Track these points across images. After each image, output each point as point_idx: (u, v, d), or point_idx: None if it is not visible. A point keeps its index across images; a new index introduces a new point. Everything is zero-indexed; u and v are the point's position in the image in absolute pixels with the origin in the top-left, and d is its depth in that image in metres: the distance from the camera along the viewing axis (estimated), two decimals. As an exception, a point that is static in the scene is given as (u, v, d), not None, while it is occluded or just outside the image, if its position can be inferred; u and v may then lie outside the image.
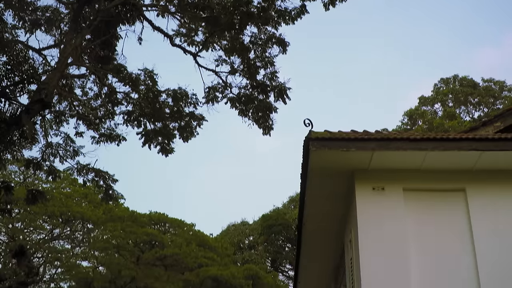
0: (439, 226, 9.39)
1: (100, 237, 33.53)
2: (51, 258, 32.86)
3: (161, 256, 31.37)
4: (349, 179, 9.65)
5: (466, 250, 9.19)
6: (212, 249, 35.16)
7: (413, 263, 9.06)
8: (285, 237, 41.86)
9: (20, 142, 16.43)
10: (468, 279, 9.03)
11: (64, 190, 34.34)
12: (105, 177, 17.84)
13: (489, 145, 9.01)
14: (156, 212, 37.13)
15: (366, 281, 8.99)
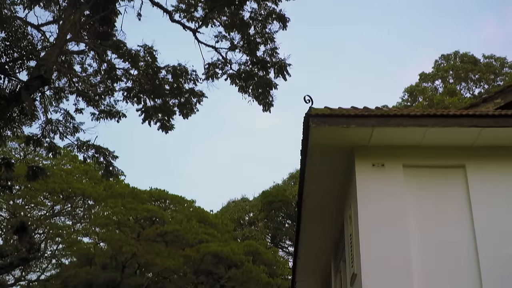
0: (438, 202, 9.42)
1: (101, 214, 33.66)
2: (52, 234, 33.04)
3: (162, 232, 31.52)
4: (349, 156, 9.66)
5: (465, 226, 9.23)
6: (213, 225, 35.33)
7: (413, 238, 9.11)
8: (285, 213, 42.06)
9: (20, 119, 16.41)
10: (467, 255, 9.09)
11: (64, 166, 34.39)
12: (105, 154, 17.85)
13: (489, 121, 9.00)
14: (157, 188, 37.24)
15: (365, 256, 9.04)
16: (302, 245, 13.23)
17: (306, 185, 10.60)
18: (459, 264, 9.06)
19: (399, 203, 9.25)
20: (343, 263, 11.80)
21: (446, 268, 9.06)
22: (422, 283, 8.91)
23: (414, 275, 8.88)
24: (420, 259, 9.07)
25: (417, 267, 8.97)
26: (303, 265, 14.45)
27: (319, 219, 11.88)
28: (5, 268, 31.21)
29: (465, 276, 8.97)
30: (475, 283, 8.88)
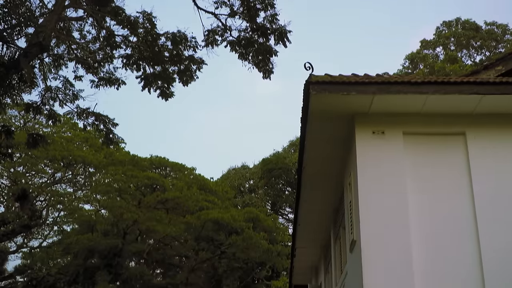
0: (438, 170, 9.44)
1: (101, 181, 33.79)
2: (53, 201, 33.23)
3: (163, 199, 31.69)
4: (349, 123, 9.64)
5: (464, 194, 9.26)
6: (213, 192, 35.51)
7: (412, 206, 9.15)
8: (285, 180, 42.22)
9: (19, 86, 16.35)
10: (466, 222, 9.13)
11: (64, 134, 34.40)
12: (105, 121, 17.83)
13: (490, 88, 8.96)
14: (157, 156, 37.33)
15: (364, 223, 9.10)
16: (302, 212, 13.30)
17: (306, 153, 10.61)
18: (458, 231, 9.11)
19: (399, 170, 9.27)
20: (343, 230, 11.88)
21: (445, 235, 9.12)
22: (421, 249, 8.98)
23: (413, 242, 8.95)
24: (419, 226, 9.12)
25: (416, 234, 9.03)
26: (303, 231, 14.55)
27: (319, 186, 11.92)
28: (7, 235, 31.53)
29: (464, 243, 9.03)
30: (474, 250, 8.94)
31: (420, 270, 8.83)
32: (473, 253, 8.94)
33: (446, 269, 8.91)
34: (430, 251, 9.00)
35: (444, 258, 8.96)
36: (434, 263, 8.95)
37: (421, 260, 8.91)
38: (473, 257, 8.93)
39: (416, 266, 8.82)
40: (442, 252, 9.00)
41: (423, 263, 8.90)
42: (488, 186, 9.23)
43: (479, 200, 9.14)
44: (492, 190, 9.21)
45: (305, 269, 17.64)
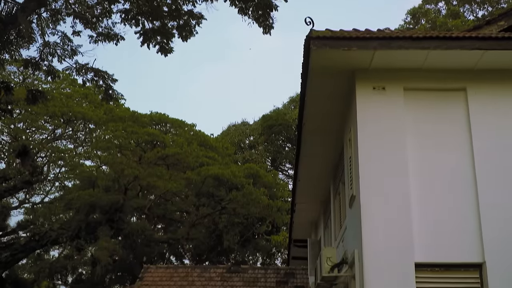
0: (438, 126, 9.45)
1: (102, 137, 33.85)
2: (54, 157, 33.35)
3: (163, 155, 31.78)
4: (349, 79, 9.60)
5: (464, 150, 9.29)
6: (213, 148, 35.61)
7: (411, 161, 9.20)
8: (285, 137, 42.28)
9: (17, 42, 16.21)
10: (466, 177, 9.19)
11: (64, 90, 34.28)
12: (104, 77, 17.71)
13: (492, 44, 8.90)
14: (157, 112, 37.29)
15: (364, 178, 9.16)
16: (302, 167, 13.37)
17: (306, 108, 10.60)
18: (458, 187, 9.18)
19: (399, 126, 9.29)
20: (342, 185, 11.96)
21: (444, 191, 9.19)
22: (420, 205, 9.06)
23: (412, 197, 9.03)
24: (418, 181, 9.19)
25: (415, 190, 9.10)
26: (303, 187, 14.66)
27: (319, 142, 11.95)
28: (9, 191, 31.76)
29: (463, 199, 9.11)
30: (472, 206, 9.03)
31: (419, 225, 8.93)
32: (471, 209, 9.03)
33: (445, 224, 9.01)
34: (429, 206, 9.09)
35: (443, 213, 9.05)
36: (433, 218, 9.04)
37: (420, 215, 9.00)
38: (471, 212, 9.02)
39: (415, 221, 8.92)
40: (441, 208, 9.09)
41: (422, 219, 8.99)
42: (488, 142, 9.26)
43: (479, 156, 9.18)
44: (492, 146, 9.24)
45: (304, 224, 17.85)
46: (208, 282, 21.09)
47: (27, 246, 30.78)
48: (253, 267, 24.04)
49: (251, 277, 21.56)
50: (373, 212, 8.97)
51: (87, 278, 39.99)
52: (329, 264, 10.72)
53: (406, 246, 8.77)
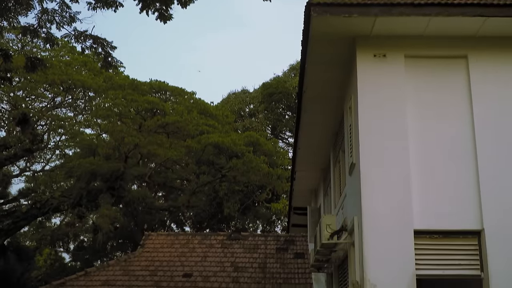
0: (439, 94, 9.43)
1: (101, 105, 33.75)
2: (54, 125, 33.32)
3: (163, 123, 31.75)
4: (350, 46, 9.54)
5: (464, 119, 9.29)
6: (213, 117, 35.55)
7: (411, 129, 9.20)
8: (285, 105, 42.18)
9: (15, 8, 16.04)
10: (466, 145, 9.20)
11: (63, 58, 34.07)
12: (103, 44, 17.55)
13: (494, 11, 8.82)
14: (157, 80, 37.11)
15: (364, 146, 9.17)
16: (302, 135, 13.38)
17: (306, 76, 10.56)
18: (458, 156, 9.20)
19: (400, 94, 9.26)
20: (342, 153, 11.98)
21: (444, 159, 9.21)
22: (419, 172, 9.09)
23: (411, 165, 9.05)
24: (418, 149, 9.20)
25: (414, 158, 9.12)
26: (303, 155, 14.69)
27: (319, 110, 11.93)
28: (10, 159, 31.82)
29: (462, 168, 9.14)
30: (472, 175, 9.06)
31: (418, 193, 8.97)
32: (471, 177, 9.06)
33: (444, 192, 9.05)
34: (428, 174, 9.12)
35: (442, 181, 9.09)
36: (432, 186, 9.08)
37: (420, 183, 9.04)
38: (471, 180, 9.05)
39: (414, 188, 8.96)
40: (440, 176, 9.12)
41: (421, 186, 9.03)
42: (489, 110, 9.24)
43: (479, 125, 9.17)
44: (492, 114, 9.23)
45: (304, 192, 17.93)
46: (208, 249, 21.28)
47: (28, 213, 30.98)
48: (253, 234, 24.23)
49: (251, 244, 21.75)
50: (373, 179, 9.01)
51: (88, 245, 40.36)
52: (328, 231, 10.80)
53: (405, 213, 8.82)
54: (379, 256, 8.69)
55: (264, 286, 18.59)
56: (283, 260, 20.50)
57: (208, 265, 19.98)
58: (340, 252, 11.53)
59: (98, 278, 18.89)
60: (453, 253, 8.91)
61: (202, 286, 18.47)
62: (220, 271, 19.59)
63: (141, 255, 20.77)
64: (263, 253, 21.09)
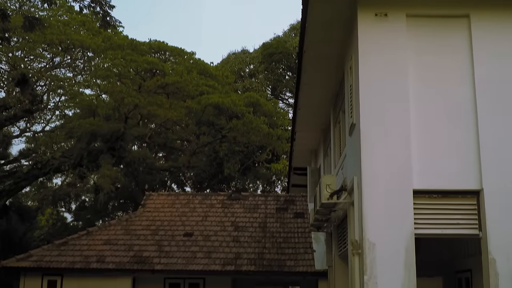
0: (440, 54, 9.38)
1: (101, 65, 33.52)
2: (53, 86, 33.14)
3: (163, 84, 31.58)
4: (351, 5, 9.44)
5: (466, 80, 9.26)
6: (213, 77, 35.34)
7: (412, 90, 9.18)
8: (286, 65, 41.90)
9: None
10: (467, 107, 9.19)
11: (61, 18, 33.69)
12: (101, 3, 17.38)
13: (497, -33, 8.72)
14: (156, 40, 36.76)
15: (364, 106, 9.16)
16: (302, 96, 13.34)
17: (307, 36, 10.47)
18: (458, 116, 9.20)
19: (401, 54, 9.21)
20: (343, 113, 11.97)
21: (444, 119, 9.21)
22: (420, 133, 9.11)
23: (412, 126, 9.06)
24: (419, 110, 9.20)
25: (415, 118, 9.12)
26: (303, 116, 14.68)
27: (319, 69, 11.87)
28: (10, 119, 31.79)
29: (463, 128, 9.15)
30: (472, 137, 9.07)
31: (418, 153, 9.01)
32: (471, 137, 9.08)
33: (444, 152, 9.08)
34: (428, 134, 9.13)
35: (442, 142, 9.12)
36: (432, 147, 9.11)
37: (419, 143, 9.07)
38: (471, 141, 9.08)
39: (414, 148, 8.99)
40: (440, 137, 9.14)
41: (421, 146, 9.06)
42: (490, 71, 9.21)
43: (481, 86, 9.15)
44: (494, 75, 9.20)
45: (304, 153, 17.98)
46: (209, 209, 21.46)
47: (29, 174, 31.11)
48: (254, 194, 24.40)
49: (251, 204, 21.92)
50: (373, 140, 9.03)
51: (90, 205, 40.68)
52: (328, 191, 10.87)
53: (404, 173, 8.88)
54: (378, 215, 8.78)
55: (264, 245, 18.81)
56: (283, 220, 20.70)
57: (209, 225, 20.20)
58: (339, 212, 11.63)
59: (100, 237, 19.11)
60: (452, 212, 9.00)
61: (203, 245, 18.70)
62: (221, 230, 19.80)
63: (142, 214, 20.96)
64: (263, 212, 21.28)
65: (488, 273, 8.62)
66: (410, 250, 8.64)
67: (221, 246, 18.69)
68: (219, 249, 18.44)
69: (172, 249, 18.42)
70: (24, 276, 17.59)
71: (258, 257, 18.03)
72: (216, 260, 17.78)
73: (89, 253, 18.02)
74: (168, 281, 18.14)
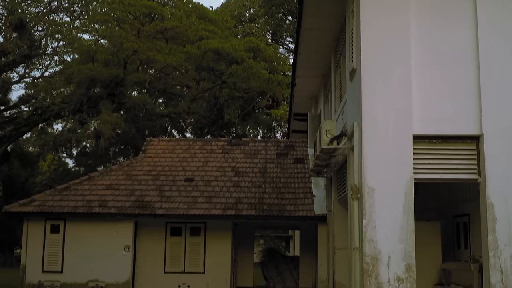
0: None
1: (98, 10, 33.05)
2: (51, 31, 32.77)
3: (162, 28, 31.19)
4: None
5: (468, 20, 9.18)
6: (213, 22, 34.86)
7: (414, 34, 9.10)
8: (286, 9, 41.29)
9: None
10: (468, 50, 9.13)
11: (57, -40, 33.06)
12: None
13: None
14: (154, -17, 36.18)
15: (365, 51, 9.10)
16: (303, 41, 13.20)
17: (308, -21, 10.29)
18: (459, 60, 9.15)
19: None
20: (343, 58, 11.88)
21: (446, 64, 9.16)
22: (420, 78, 9.07)
23: (413, 71, 9.02)
24: (420, 55, 9.14)
25: (416, 63, 9.07)
26: (303, 61, 14.56)
27: (320, 14, 11.71)
28: (9, 65, 31.62)
29: (464, 72, 9.11)
30: (473, 79, 9.04)
31: (418, 98, 8.99)
32: (472, 82, 9.06)
33: (445, 98, 9.07)
34: (429, 79, 9.10)
35: (443, 87, 9.09)
36: (433, 92, 9.08)
37: (420, 88, 9.04)
38: (472, 85, 9.05)
39: (415, 94, 8.97)
40: (441, 82, 9.10)
41: (421, 91, 9.04)
42: (493, 12, 9.11)
43: (483, 27, 9.07)
44: (497, 16, 9.11)
45: (305, 98, 17.92)
46: (209, 155, 21.55)
47: (30, 120, 31.14)
48: (254, 140, 24.46)
49: (251, 149, 22.00)
50: (374, 85, 8.99)
51: (91, 151, 40.87)
52: (328, 136, 10.89)
53: (405, 118, 8.88)
54: (378, 160, 8.82)
55: (264, 190, 18.99)
56: (283, 165, 20.82)
57: (210, 170, 20.33)
58: (339, 157, 11.68)
59: (102, 182, 19.26)
60: (451, 157, 9.05)
61: (204, 190, 18.87)
62: (221, 175, 19.95)
63: (143, 160, 21.07)
64: (263, 158, 21.38)
65: (486, 218, 8.73)
66: (409, 194, 8.73)
67: (222, 191, 18.87)
68: (219, 194, 18.63)
69: (173, 194, 18.60)
70: (27, 221, 17.83)
71: (259, 202, 18.22)
72: (217, 205, 17.98)
73: (91, 198, 18.21)
74: (170, 225, 18.40)
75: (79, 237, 17.66)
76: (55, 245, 17.67)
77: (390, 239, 8.63)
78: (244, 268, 20.59)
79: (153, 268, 18.09)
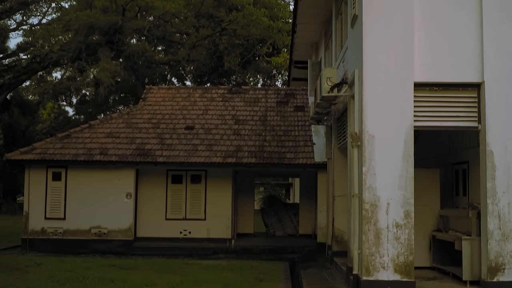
0: None
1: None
2: (48, -23, 32.27)
3: (160, -26, 30.65)
4: None
5: None
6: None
7: None
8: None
9: None
10: (468, 33, 9.02)
11: None
12: None
13: None
14: None
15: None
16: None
17: None
18: (462, 7, 9.06)
19: None
20: (345, 5, 11.71)
21: (448, 11, 9.10)
22: (422, 25, 8.99)
23: (415, 18, 8.94)
24: (422, 2, 9.02)
25: (418, 10, 9.01)
26: (304, 7, 14.36)
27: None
28: (6, 12, 31.19)
29: (467, 19, 9.05)
30: (476, 27, 8.98)
31: (420, 45, 8.93)
32: (474, 29, 9.02)
33: (447, 44, 9.01)
34: (431, 27, 9.04)
35: (445, 34, 9.02)
36: (434, 39, 9.03)
37: (422, 35, 8.97)
38: (474, 33, 9.04)
39: (416, 41, 8.91)
40: (443, 29, 9.06)
41: (423, 39, 8.97)
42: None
43: None
44: None
45: (305, 45, 17.76)
46: (210, 103, 21.51)
47: (28, 68, 30.94)
48: (254, 88, 24.36)
49: (252, 97, 21.95)
50: (375, 31, 8.91)
51: (91, 99, 40.78)
52: (329, 84, 10.84)
53: (406, 66, 8.84)
54: (378, 108, 8.82)
55: (264, 138, 19.03)
56: (283, 113, 20.81)
57: (210, 118, 20.33)
58: (339, 105, 11.66)
59: (102, 130, 19.29)
60: (452, 105, 9.04)
61: (204, 138, 18.92)
62: (222, 123, 19.96)
63: (143, 108, 21.04)
64: (263, 106, 21.35)
65: (485, 165, 8.78)
66: (409, 142, 8.76)
67: (222, 139, 18.91)
68: (220, 142, 18.68)
69: (174, 142, 18.66)
70: (28, 169, 17.93)
71: (259, 150, 18.29)
72: (217, 153, 18.05)
73: (92, 145, 18.27)
74: (171, 173, 18.52)
75: (81, 184, 17.80)
76: (57, 193, 17.82)
77: (390, 186, 8.71)
78: (244, 215, 20.84)
79: (155, 215, 18.31)
